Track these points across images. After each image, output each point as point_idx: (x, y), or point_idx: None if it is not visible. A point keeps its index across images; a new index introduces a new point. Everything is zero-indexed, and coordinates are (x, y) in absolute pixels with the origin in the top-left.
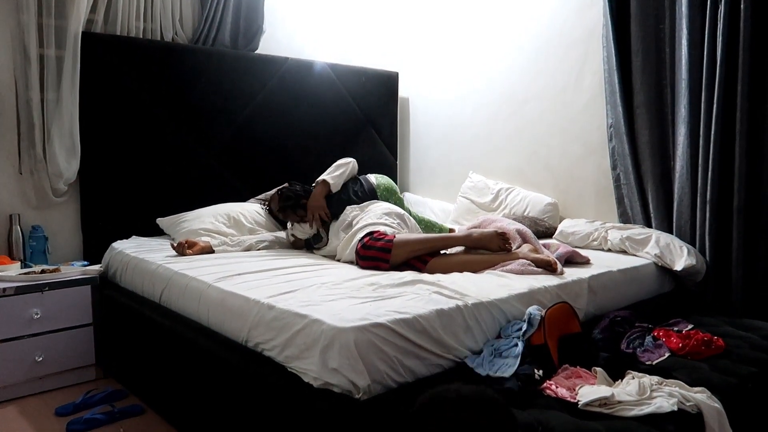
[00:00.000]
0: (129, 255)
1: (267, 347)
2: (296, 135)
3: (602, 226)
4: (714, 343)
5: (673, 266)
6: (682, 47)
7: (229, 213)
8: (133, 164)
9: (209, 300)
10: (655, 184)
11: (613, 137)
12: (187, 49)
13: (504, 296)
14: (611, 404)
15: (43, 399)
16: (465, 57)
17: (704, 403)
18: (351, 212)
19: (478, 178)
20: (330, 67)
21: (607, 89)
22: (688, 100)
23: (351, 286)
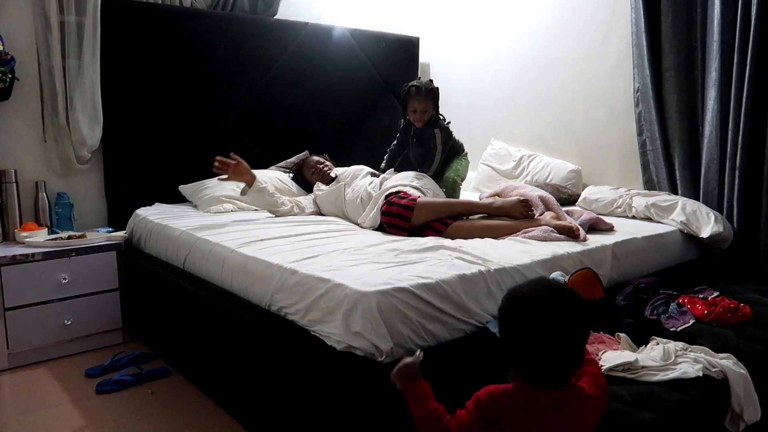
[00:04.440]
0: (152, 221)
1: (290, 311)
2: (316, 101)
3: (627, 193)
4: (740, 310)
5: (699, 233)
6: (715, 7)
7: None
8: (154, 131)
9: (232, 265)
10: (683, 149)
11: (639, 102)
12: (206, 14)
13: (527, 262)
14: (635, 369)
15: (72, 361)
16: (486, 21)
17: (730, 369)
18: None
19: (500, 145)
20: (349, 32)
21: (635, 52)
22: (719, 62)
23: (373, 251)
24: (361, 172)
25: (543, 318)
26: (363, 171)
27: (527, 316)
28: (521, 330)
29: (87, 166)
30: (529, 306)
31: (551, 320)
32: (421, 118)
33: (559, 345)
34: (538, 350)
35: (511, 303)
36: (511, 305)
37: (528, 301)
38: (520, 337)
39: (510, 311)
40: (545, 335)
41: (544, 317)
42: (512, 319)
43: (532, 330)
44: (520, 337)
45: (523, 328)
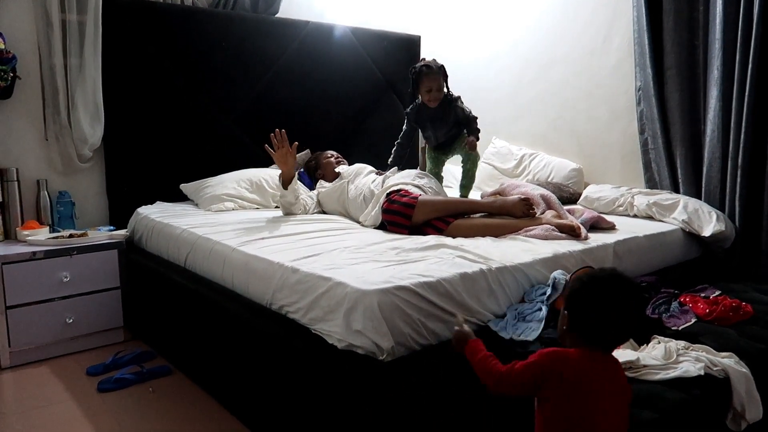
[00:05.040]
0: (154, 220)
1: (291, 309)
2: (317, 100)
3: (628, 192)
4: (742, 308)
5: (701, 232)
6: (717, 5)
7: (251, 178)
8: (156, 130)
9: (233, 264)
10: (685, 148)
11: (641, 100)
12: (207, 13)
13: (528, 261)
14: (636, 368)
15: (74, 359)
16: (488, 19)
17: (732, 368)
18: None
19: (502, 144)
20: (351, 30)
21: (637, 51)
22: (721, 60)
23: (374, 250)
24: (364, 170)
25: (608, 294)
26: (366, 169)
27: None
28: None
29: (88, 164)
30: (603, 285)
31: (614, 296)
32: (436, 97)
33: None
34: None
35: (580, 284)
36: (579, 286)
37: (603, 281)
38: (587, 311)
39: (584, 289)
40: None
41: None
42: (586, 296)
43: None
44: (588, 310)
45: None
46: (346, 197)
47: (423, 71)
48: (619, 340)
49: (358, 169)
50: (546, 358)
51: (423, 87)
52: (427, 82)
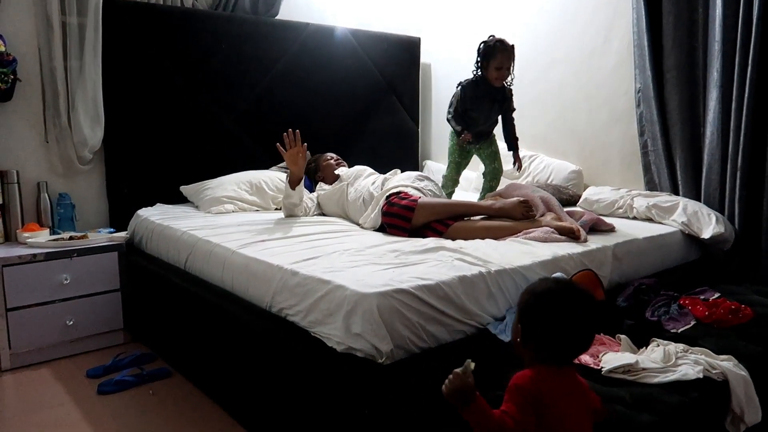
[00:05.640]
0: (154, 222)
1: (291, 312)
2: (318, 102)
3: (628, 194)
4: (741, 311)
5: (700, 234)
6: (716, 7)
7: (251, 180)
8: (156, 132)
9: (233, 266)
10: (684, 150)
11: (641, 102)
12: (207, 15)
13: (527, 263)
14: (635, 371)
15: (74, 361)
16: (488, 21)
17: (730, 371)
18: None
19: (502, 146)
20: (351, 32)
21: (636, 52)
22: (720, 63)
23: (373, 252)
24: (364, 172)
25: (559, 308)
26: (366, 171)
27: (546, 308)
28: (546, 319)
29: (89, 166)
30: (547, 299)
31: (565, 310)
32: (504, 76)
33: (572, 330)
34: (554, 335)
35: (532, 297)
36: (531, 299)
37: (555, 294)
38: (539, 325)
39: (531, 304)
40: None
41: (560, 308)
42: (538, 309)
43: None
44: (539, 325)
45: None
46: (345, 199)
47: (497, 46)
48: (572, 353)
49: (358, 172)
50: (524, 384)
51: (494, 62)
52: (501, 58)
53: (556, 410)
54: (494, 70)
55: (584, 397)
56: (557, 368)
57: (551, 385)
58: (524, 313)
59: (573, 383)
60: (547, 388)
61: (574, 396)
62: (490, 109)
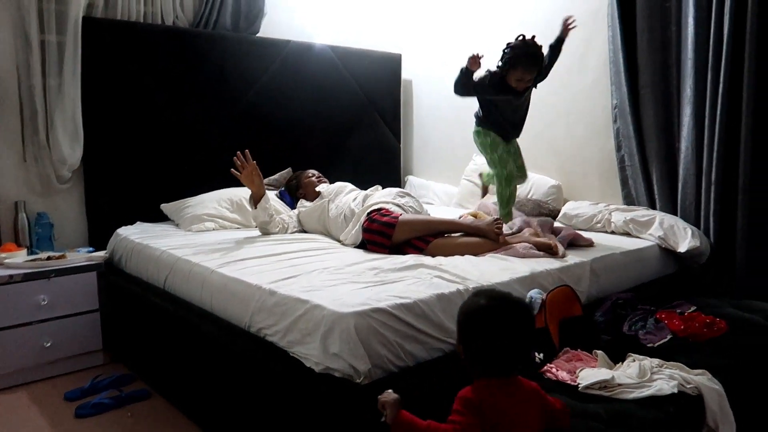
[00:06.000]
0: (133, 241)
1: (269, 332)
2: (299, 118)
3: (606, 208)
4: (716, 325)
5: (676, 248)
6: (689, 26)
7: (232, 198)
8: (136, 150)
9: (212, 285)
10: (660, 165)
11: (617, 118)
12: (188, 32)
13: (506, 279)
14: (611, 387)
15: (52, 384)
16: (468, 37)
17: (705, 386)
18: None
19: (482, 161)
20: (332, 49)
21: (612, 69)
22: (693, 79)
23: (353, 270)
24: (345, 188)
25: (489, 322)
26: (347, 188)
27: (477, 323)
28: (479, 334)
29: (67, 185)
30: (478, 314)
31: (495, 323)
32: (524, 87)
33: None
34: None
35: (464, 315)
36: (463, 317)
37: (477, 311)
38: (478, 341)
39: (463, 322)
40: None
41: (490, 321)
42: (466, 328)
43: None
44: (478, 340)
45: (481, 333)
46: (326, 216)
47: (522, 61)
48: (512, 362)
49: (339, 188)
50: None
51: (516, 73)
52: (523, 71)
53: (505, 419)
54: (515, 80)
55: (533, 404)
56: (504, 379)
57: (497, 396)
58: (460, 331)
59: (520, 392)
60: (493, 399)
61: (521, 405)
62: (519, 104)
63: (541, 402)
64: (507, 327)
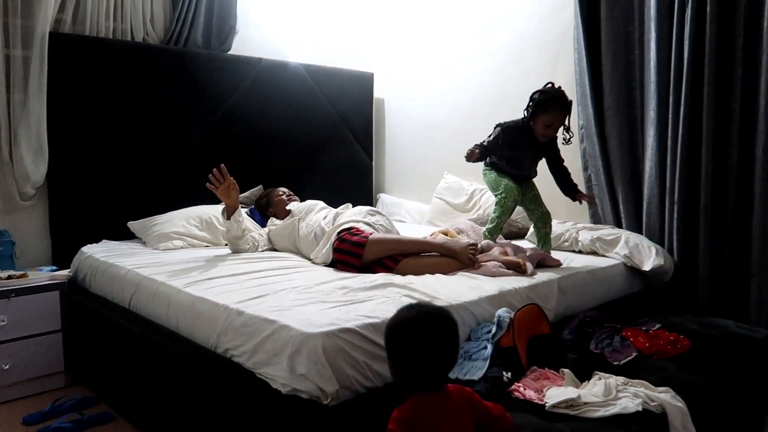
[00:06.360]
0: (98, 259)
1: (236, 353)
2: (271, 136)
3: (573, 227)
4: (680, 342)
5: (641, 266)
6: (651, 50)
7: (201, 216)
8: (103, 167)
9: (179, 305)
10: (625, 184)
11: (584, 138)
12: (158, 49)
13: (474, 298)
14: (577, 405)
15: (10, 408)
16: (440, 58)
17: (668, 403)
18: (320, 207)
19: (453, 179)
20: (304, 67)
21: (578, 91)
22: (656, 102)
23: (322, 289)
24: (315, 206)
25: (411, 336)
26: (318, 206)
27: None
28: (404, 348)
29: (31, 202)
30: (400, 330)
31: (417, 337)
32: (552, 134)
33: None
34: (414, 363)
35: (388, 331)
36: (388, 333)
37: (399, 326)
38: (404, 354)
39: (388, 338)
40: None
41: (412, 336)
42: (391, 344)
43: (412, 346)
44: (404, 354)
45: (406, 346)
46: (296, 235)
47: (553, 103)
48: (439, 375)
49: (310, 206)
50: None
51: (545, 118)
52: (554, 115)
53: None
54: (543, 126)
55: (464, 414)
56: (434, 393)
57: (427, 411)
58: (387, 348)
59: (450, 404)
60: (423, 414)
61: (452, 416)
62: (534, 159)
63: (473, 410)
64: (430, 339)
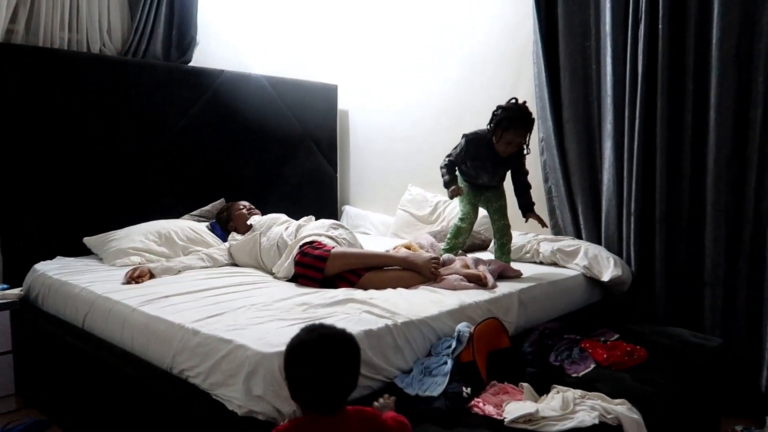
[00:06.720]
0: (52, 277)
1: (191, 374)
2: (233, 148)
3: (534, 239)
4: (636, 353)
5: (600, 277)
6: (607, 64)
7: (160, 231)
8: (59, 180)
9: (133, 325)
10: (585, 196)
11: (544, 151)
12: (115, 61)
13: (435, 313)
14: (536, 420)
15: None
16: (403, 71)
17: (624, 415)
18: (282, 220)
19: (417, 191)
20: (267, 79)
21: (538, 104)
22: (613, 115)
23: (281, 306)
24: (278, 220)
25: (308, 359)
26: (280, 218)
27: (297, 361)
28: (303, 370)
29: None
30: (297, 352)
31: (323, 359)
32: (514, 151)
33: (332, 378)
34: (310, 385)
35: (286, 352)
36: (285, 354)
37: (296, 348)
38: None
39: (285, 359)
40: (320, 371)
41: (309, 358)
42: (288, 365)
43: (310, 369)
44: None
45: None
46: (258, 249)
47: (515, 123)
48: (336, 397)
49: (272, 220)
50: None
51: (506, 137)
52: (514, 134)
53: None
54: (504, 143)
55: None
56: (326, 416)
57: None
58: (285, 369)
59: (344, 428)
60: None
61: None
62: (495, 172)
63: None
64: (330, 362)
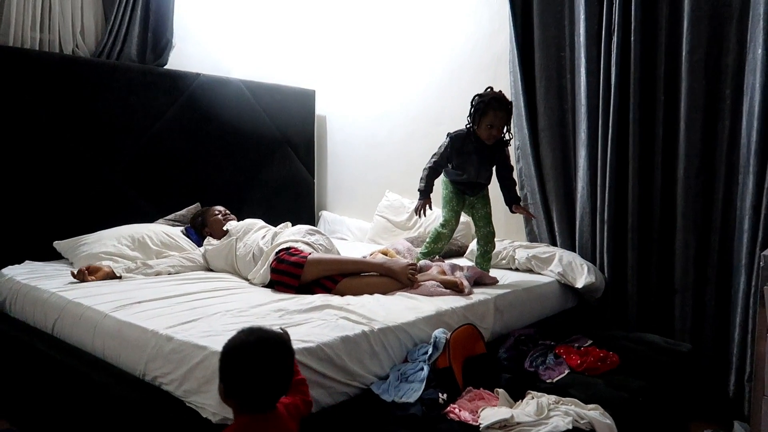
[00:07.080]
0: (20, 282)
1: (165, 381)
2: (209, 152)
3: (510, 245)
4: (609, 358)
5: (574, 284)
6: (581, 75)
7: (133, 235)
8: (28, 184)
9: (105, 331)
10: (559, 204)
11: (520, 158)
12: (88, 62)
13: (411, 319)
14: (510, 426)
15: None
16: (381, 77)
17: (597, 421)
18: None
19: (395, 197)
20: (244, 83)
21: (514, 112)
22: (587, 124)
23: (257, 312)
24: (254, 225)
25: (241, 360)
26: (257, 224)
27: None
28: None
29: None
30: (231, 353)
31: (265, 359)
32: (496, 135)
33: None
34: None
35: (221, 354)
36: (221, 356)
37: (231, 350)
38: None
39: (220, 361)
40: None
41: (242, 359)
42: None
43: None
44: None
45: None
46: (234, 255)
47: (492, 104)
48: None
49: (248, 226)
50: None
51: (486, 120)
52: (493, 116)
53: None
54: (485, 128)
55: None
56: (261, 415)
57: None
58: (220, 371)
59: (279, 423)
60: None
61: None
62: (483, 165)
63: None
64: (266, 365)
